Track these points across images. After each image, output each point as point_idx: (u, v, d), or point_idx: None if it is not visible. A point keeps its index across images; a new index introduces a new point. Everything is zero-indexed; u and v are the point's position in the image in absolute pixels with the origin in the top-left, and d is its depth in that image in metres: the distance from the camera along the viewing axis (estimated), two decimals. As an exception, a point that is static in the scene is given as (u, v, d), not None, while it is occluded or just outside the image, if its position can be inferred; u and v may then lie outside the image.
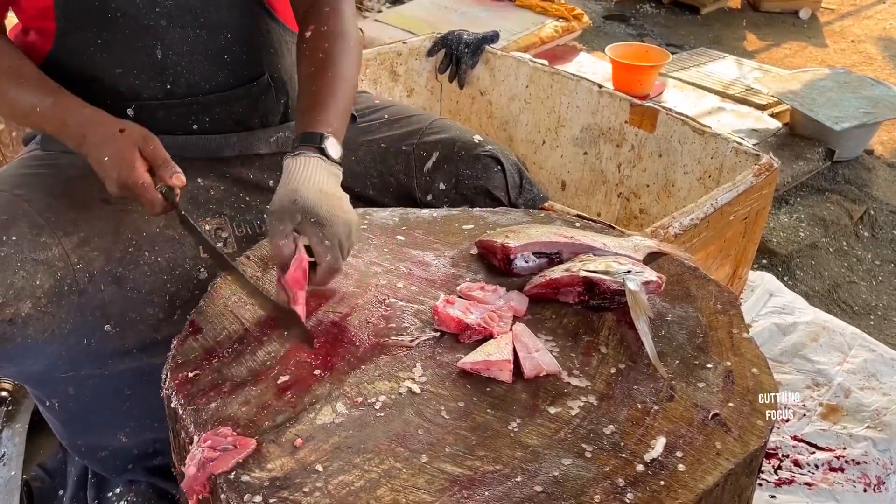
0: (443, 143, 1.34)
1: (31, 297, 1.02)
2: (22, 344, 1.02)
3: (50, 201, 1.09)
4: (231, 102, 1.23)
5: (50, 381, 1.15)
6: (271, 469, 0.78)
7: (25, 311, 1.01)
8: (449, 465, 0.79)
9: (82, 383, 1.15)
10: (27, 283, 1.01)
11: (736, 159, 1.74)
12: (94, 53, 1.14)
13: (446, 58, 2.26)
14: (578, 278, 1.00)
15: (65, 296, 1.05)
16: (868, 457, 1.52)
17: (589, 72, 3.15)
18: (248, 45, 1.22)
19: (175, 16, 1.14)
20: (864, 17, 4.74)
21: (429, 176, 1.33)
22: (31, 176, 1.14)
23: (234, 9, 1.19)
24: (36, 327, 1.02)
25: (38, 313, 1.02)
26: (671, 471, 0.78)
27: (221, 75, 1.21)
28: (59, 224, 1.07)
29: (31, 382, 1.19)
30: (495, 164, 1.33)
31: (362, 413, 0.85)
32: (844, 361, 1.77)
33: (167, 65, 1.16)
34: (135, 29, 1.13)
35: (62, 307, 1.05)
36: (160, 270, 1.13)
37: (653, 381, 0.89)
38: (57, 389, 1.16)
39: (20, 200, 1.08)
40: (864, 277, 2.40)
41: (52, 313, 1.04)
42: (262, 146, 1.27)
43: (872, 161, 2.97)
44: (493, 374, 0.90)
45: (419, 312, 1.01)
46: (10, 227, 1.04)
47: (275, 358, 0.92)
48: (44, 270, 1.03)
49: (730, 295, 1.05)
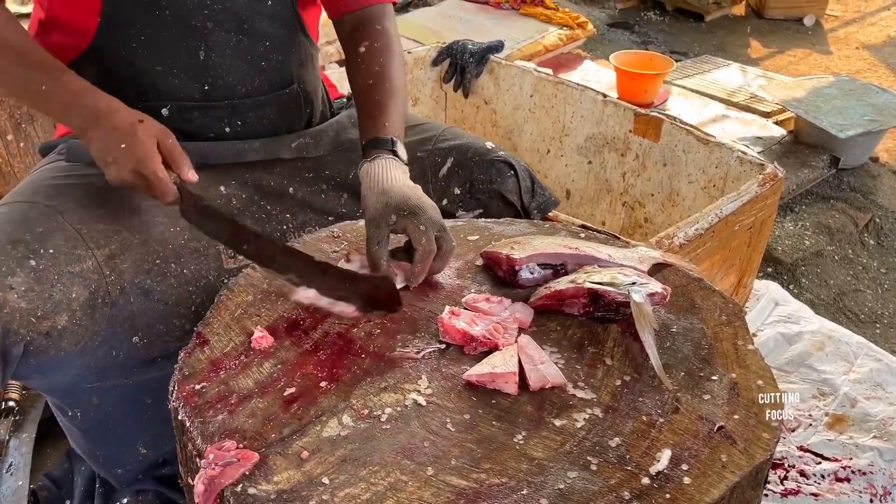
0: (457, 149, 1.37)
1: (68, 310, 1.02)
2: (55, 356, 1.02)
3: (82, 213, 1.10)
4: (262, 108, 1.26)
5: (75, 391, 1.15)
6: (278, 482, 0.78)
7: (62, 323, 1.01)
8: (455, 477, 0.79)
9: (106, 393, 1.16)
10: (64, 297, 1.02)
11: (740, 168, 1.74)
12: (136, 50, 1.15)
13: (451, 67, 2.27)
14: (583, 290, 1.00)
15: (98, 308, 1.06)
16: (874, 467, 1.52)
17: (593, 80, 3.16)
18: (283, 55, 1.27)
19: (222, 20, 1.18)
20: (868, 24, 4.74)
21: (444, 181, 1.37)
22: (63, 187, 1.14)
23: (276, 21, 1.24)
24: (70, 340, 1.03)
25: (74, 326, 1.03)
26: (677, 484, 0.78)
27: (257, 81, 1.24)
28: (91, 236, 1.08)
29: (55, 393, 1.19)
30: (508, 168, 1.36)
31: (368, 425, 0.85)
32: (850, 371, 1.77)
33: (208, 66, 1.19)
34: (181, 29, 1.16)
35: (95, 320, 1.06)
36: (186, 282, 1.15)
37: (658, 394, 0.90)
38: (81, 399, 1.17)
39: (54, 212, 1.08)
40: (869, 285, 2.40)
41: (86, 326, 1.04)
42: (285, 151, 1.30)
43: (878, 168, 2.97)
44: (498, 387, 0.90)
45: (424, 324, 1.01)
46: (48, 239, 1.04)
47: (281, 370, 0.93)
48: (79, 283, 1.04)
49: (735, 306, 1.05)
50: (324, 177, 1.34)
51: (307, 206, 1.32)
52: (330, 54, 2.78)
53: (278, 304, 1.04)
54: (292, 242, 1.19)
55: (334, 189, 1.34)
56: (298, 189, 1.31)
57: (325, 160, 1.34)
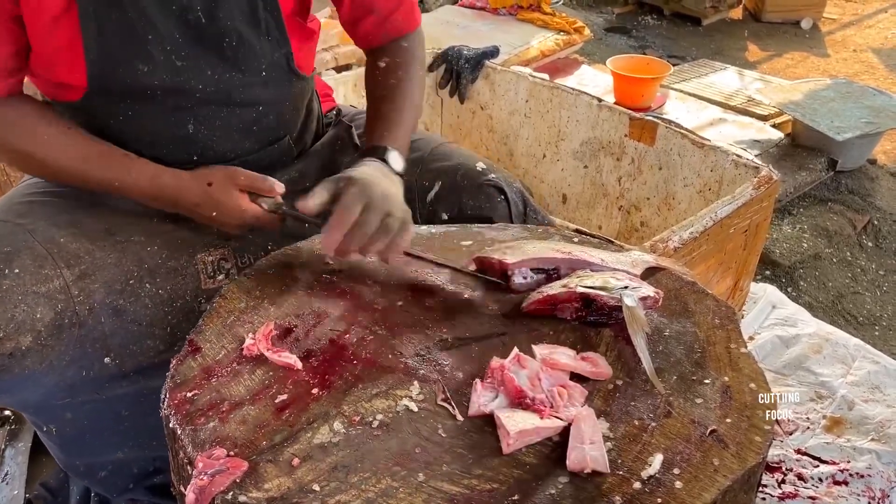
0: (446, 171, 1.31)
1: (32, 331, 1.01)
2: (20, 375, 1.02)
3: (53, 232, 1.09)
4: (250, 164, 1.22)
5: (47, 408, 1.14)
6: (268, 489, 0.78)
7: (25, 344, 1.00)
8: (446, 483, 0.79)
9: (79, 408, 1.15)
10: (28, 317, 1.01)
11: (736, 172, 1.74)
12: (122, 123, 1.14)
13: (447, 73, 2.27)
14: (576, 294, 1.00)
15: (65, 329, 1.05)
16: (872, 470, 1.51)
17: (590, 84, 3.17)
18: (276, 115, 1.24)
19: (212, 98, 1.15)
20: (865, 27, 4.75)
21: (431, 206, 1.31)
22: (36, 204, 1.13)
23: (268, 86, 1.20)
24: (34, 360, 1.02)
25: (38, 346, 1.02)
26: (668, 488, 0.78)
27: (248, 143, 1.23)
28: (61, 255, 1.07)
29: (28, 410, 1.18)
30: (499, 193, 1.30)
31: (360, 432, 0.85)
32: (848, 373, 1.76)
33: (197, 138, 1.18)
34: (169, 105, 1.14)
35: (62, 340, 1.04)
36: (161, 302, 1.13)
37: (650, 398, 0.89)
38: (54, 416, 1.16)
39: (23, 231, 1.07)
40: (868, 288, 2.39)
41: (51, 346, 1.03)
42: None
43: (875, 171, 2.97)
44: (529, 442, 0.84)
45: (417, 330, 1.01)
46: (14, 259, 1.03)
47: (273, 377, 0.93)
48: (44, 303, 1.03)
49: (728, 309, 1.05)
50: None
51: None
52: (326, 61, 2.78)
53: (271, 310, 1.04)
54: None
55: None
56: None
57: (311, 181, 1.31)
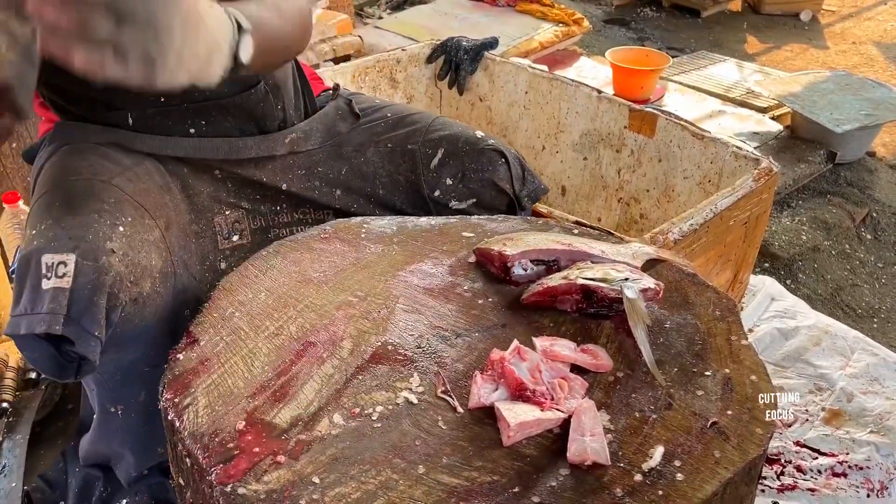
0: (447, 139, 1.37)
1: (150, 277, 1.02)
2: (139, 325, 1.01)
3: (132, 186, 1.09)
4: (228, 109, 1.23)
5: (129, 377, 1.13)
6: (268, 481, 0.77)
7: (146, 290, 1.01)
8: (446, 476, 0.78)
9: (155, 385, 1.13)
10: (148, 263, 1.02)
11: (735, 164, 1.73)
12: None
13: (445, 64, 2.26)
14: (576, 286, 1.00)
15: (168, 277, 1.06)
16: (871, 462, 1.51)
17: (589, 76, 3.16)
18: None
19: None
20: (865, 19, 4.73)
21: (435, 172, 1.36)
22: (96, 164, 1.11)
23: None
24: (151, 308, 1.02)
25: (154, 293, 1.02)
26: (669, 480, 0.77)
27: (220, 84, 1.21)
28: (149, 207, 1.08)
29: (108, 382, 1.16)
30: (499, 157, 1.36)
31: (359, 424, 0.85)
32: (847, 366, 1.76)
33: None
34: None
35: (168, 287, 1.06)
36: (199, 260, 1.17)
37: (651, 390, 0.89)
38: (132, 391, 1.14)
39: (110, 186, 1.06)
40: (866, 280, 2.39)
41: (161, 294, 1.04)
42: (279, 147, 1.29)
43: (874, 163, 2.96)
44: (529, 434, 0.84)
45: (416, 321, 1.00)
46: (123, 209, 1.03)
47: (272, 369, 0.92)
48: (154, 251, 1.04)
49: (728, 301, 1.04)
50: (316, 173, 1.34)
51: (299, 203, 1.32)
52: (325, 52, 2.77)
53: (269, 302, 1.03)
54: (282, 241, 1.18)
55: (327, 185, 1.34)
56: (291, 185, 1.31)
57: (316, 156, 1.34)
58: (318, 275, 1.09)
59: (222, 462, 0.79)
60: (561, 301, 1.01)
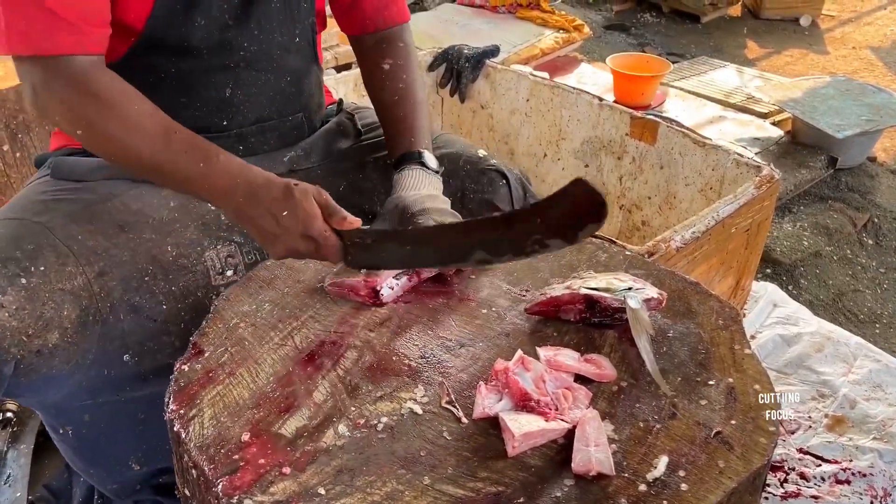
0: (448, 157, 1.35)
1: (59, 328, 1.01)
2: (46, 374, 1.02)
3: (71, 229, 1.09)
4: (265, 133, 1.27)
5: (67, 409, 1.14)
6: (274, 493, 0.78)
7: (53, 342, 1.00)
8: (451, 486, 0.79)
9: (98, 410, 1.15)
10: (55, 314, 1.01)
11: (737, 171, 1.74)
12: (162, 81, 1.14)
13: (447, 72, 2.27)
14: (579, 296, 1.00)
15: (89, 326, 1.05)
16: (874, 468, 1.51)
17: (590, 82, 3.17)
18: (298, 87, 1.29)
19: (255, 59, 1.19)
20: (864, 24, 4.74)
21: None
22: (51, 202, 1.13)
23: (299, 54, 1.26)
24: (62, 358, 1.02)
25: (65, 344, 1.02)
26: (674, 490, 0.78)
27: (267, 111, 1.26)
28: (81, 253, 1.07)
29: (47, 411, 1.18)
30: (500, 178, 1.34)
31: (364, 435, 0.85)
32: (849, 372, 1.76)
33: (233, 102, 1.20)
34: (214, 66, 1.16)
35: (86, 337, 1.05)
36: (174, 299, 1.13)
37: (655, 399, 0.89)
38: (73, 417, 1.16)
39: (42, 228, 1.07)
40: (868, 286, 2.39)
41: (77, 344, 1.03)
42: (278, 166, 1.29)
43: (875, 168, 2.97)
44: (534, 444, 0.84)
45: (421, 332, 1.01)
46: (38, 256, 1.03)
47: (277, 380, 0.93)
48: (70, 300, 1.03)
49: (731, 310, 1.05)
50: None
51: None
52: (326, 61, 2.78)
53: (274, 313, 1.04)
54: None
55: None
56: None
57: (315, 173, 1.32)
58: (321, 285, 1.09)
59: (228, 473, 0.79)
60: (564, 311, 1.02)
